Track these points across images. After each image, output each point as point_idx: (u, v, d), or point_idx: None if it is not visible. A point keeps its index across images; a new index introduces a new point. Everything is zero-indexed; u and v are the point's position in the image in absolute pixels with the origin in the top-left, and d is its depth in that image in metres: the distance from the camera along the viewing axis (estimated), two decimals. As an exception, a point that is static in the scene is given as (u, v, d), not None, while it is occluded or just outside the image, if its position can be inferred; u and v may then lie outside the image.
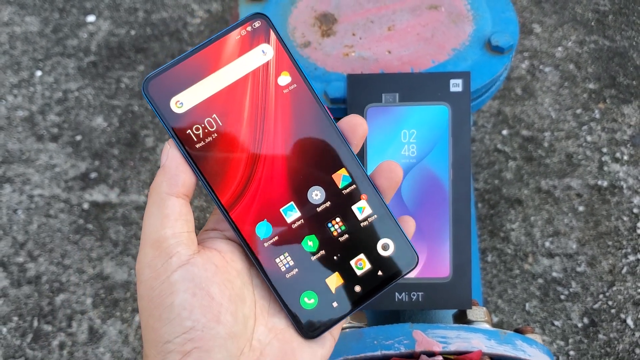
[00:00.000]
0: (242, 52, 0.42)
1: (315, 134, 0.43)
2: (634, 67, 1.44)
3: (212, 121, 0.41)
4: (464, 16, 0.72)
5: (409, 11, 0.73)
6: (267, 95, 0.42)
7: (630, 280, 1.16)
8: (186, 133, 0.41)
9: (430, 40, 0.70)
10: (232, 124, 0.42)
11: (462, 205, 0.62)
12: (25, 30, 1.59)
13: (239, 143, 0.42)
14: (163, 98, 0.41)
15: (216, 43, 0.42)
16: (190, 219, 0.41)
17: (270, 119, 0.42)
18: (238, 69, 0.42)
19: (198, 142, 0.41)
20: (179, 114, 0.41)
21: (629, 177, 1.28)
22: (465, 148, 0.61)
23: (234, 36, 0.42)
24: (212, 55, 0.42)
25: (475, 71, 0.67)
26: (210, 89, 0.42)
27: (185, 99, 0.41)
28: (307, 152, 0.43)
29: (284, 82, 0.42)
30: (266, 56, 0.42)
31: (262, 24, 0.43)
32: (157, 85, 0.42)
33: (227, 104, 0.42)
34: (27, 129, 1.41)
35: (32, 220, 1.28)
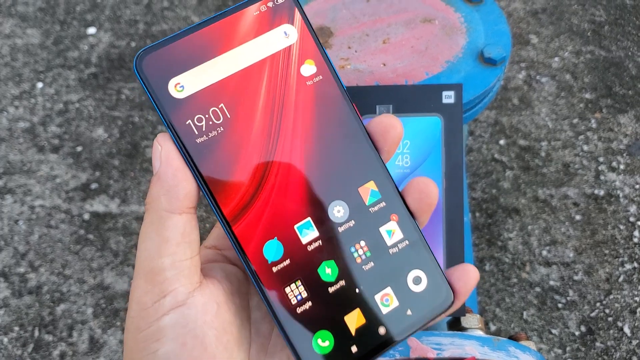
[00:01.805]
0: (260, 32, 0.36)
1: (341, 136, 0.36)
2: (630, 77, 1.45)
3: (219, 112, 0.35)
4: (458, 29, 0.73)
5: (403, 24, 0.74)
6: (287, 85, 0.36)
7: (627, 288, 1.17)
8: (185, 124, 0.34)
9: (424, 53, 0.71)
10: (243, 117, 0.35)
11: (455, 215, 0.63)
12: (26, 43, 1.60)
13: (250, 141, 0.35)
14: (160, 78, 0.34)
15: (229, 18, 0.35)
16: (195, 238, 0.34)
17: (288, 115, 0.36)
18: (254, 52, 0.35)
19: (199, 136, 0.34)
20: (179, 100, 0.34)
21: (625, 186, 1.28)
22: (457, 158, 0.62)
23: (251, 11, 0.36)
24: (223, 32, 0.35)
25: (468, 83, 0.68)
26: (218, 73, 0.35)
27: (187, 81, 0.34)
28: (330, 158, 0.36)
29: (308, 72, 0.36)
30: (289, 39, 0.36)
31: (287, 0, 0.36)
32: (154, 61, 0.34)
33: (238, 92, 0.35)
34: (28, 140, 1.42)
35: (33, 230, 1.29)
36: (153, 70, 0.34)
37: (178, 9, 1.66)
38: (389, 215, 0.37)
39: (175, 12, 1.65)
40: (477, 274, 0.36)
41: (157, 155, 0.34)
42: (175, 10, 1.66)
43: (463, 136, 0.63)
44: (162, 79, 0.34)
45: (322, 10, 0.76)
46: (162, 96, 0.34)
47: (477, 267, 1.19)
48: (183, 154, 0.34)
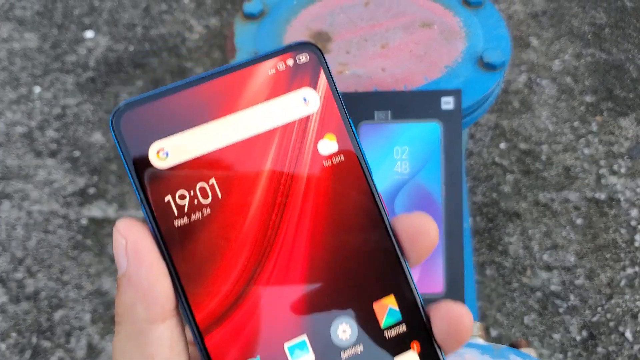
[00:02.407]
0: (274, 95, 0.29)
1: (359, 234, 0.30)
2: (631, 80, 1.44)
3: (208, 189, 0.28)
4: (457, 33, 0.73)
5: (402, 29, 0.74)
6: (299, 164, 0.29)
7: (629, 293, 1.16)
8: (164, 201, 0.28)
9: (423, 58, 0.71)
10: (238, 198, 0.28)
11: (454, 221, 0.62)
12: (24, 47, 1.60)
13: (242, 230, 0.28)
14: (140, 140, 0.28)
15: (237, 73, 0.29)
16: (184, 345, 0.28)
17: (295, 201, 0.29)
18: (262, 118, 0.29)
19: (179, 218, 0.28)
20: (159, 170, 0.28)
21: (627, 189, 1.28)
22: (457, 164, 0.61)
23: (265, 68, 0.29)
24: (227, 91, 0.29)
25: (467, 88, 0.68)
26: (214, 140, 0.28)
27: (173, 147, 0.28)
28: (341, 260, 0.29)
29: (328, 149, 0.30)
30: (308, 107, 0.29)
31: (312, 59, 0.30)
32: (135, 119, 0.28)
33: (236, 167, 0.29)
34: (26, 144, 1.41)
35: (30, 236, 1.28)
36: (132, 129, 0.28)
37: (176, 13, 1.66)
38: (409, 342, 0.30)
39: (173, 15, 1.65)
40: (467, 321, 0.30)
41: (122, 250, 0.27)
42: (174, 13, 1.65)
43: (463, 142, 0.63)
44: (143, 141, 0.28)
45: (320, 15, 0.76)
46: (139, 162, 0.28)
47: (477, 271, 1.19)
48: (156, 240, 0.28)
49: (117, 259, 0.27)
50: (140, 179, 0.28)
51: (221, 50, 1.56)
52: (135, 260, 0.27)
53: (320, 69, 0.30)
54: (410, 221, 0.30)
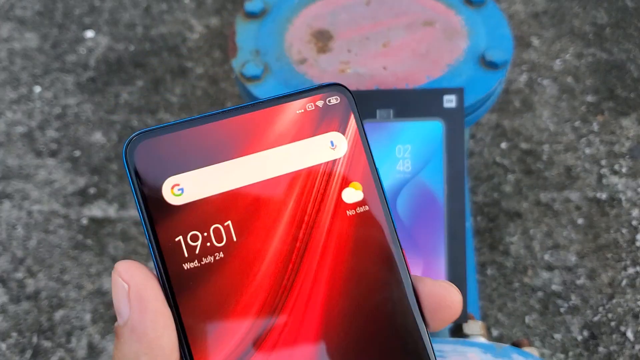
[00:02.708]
0: (300, 136, 0.28)
1: (379, 294, 0.28)
2: (632, 80, 1.44)
3: (223, 231, 0.26)
4: (459, 32, 0.73)
5: (404, 28, 0.74)
6: (320, 212, 0.28)
7: (630, 292, 1.16)
8: (174, 240, 0.26)
9: (425, 56, 0.71)
10: (254, 243, 0.27)
11: (457, 220, 0.62)
12: (24, 46, 1.60)
13: (256, 279, 0.26)
14: (155, 174, 0.26)
15: (263, 111, 0.28)
16: None
17: (314, 252, 0.27)
18: (286, 160, 0.27)
19: (189, 261, 0.26)
20: (173, 206, 0.26)
21: (628, 189, 1.28)
22: (459, 163, 0.61)
23: (294, 108, 0.28)
24: (250, 128, 0.27)
25: (469, 86, 0.67)
26: (233, 179, 0.27)
27: (189, 184, 0.26)
28: (359, 322, 0.27)
29: (352, 198, 0.28)
30: (334, 152, 0.28)
31: (342, 102, 0.29)
32: (150, 150, 0.26)
33: (255, 209, 0.27)
34: (26, 144, 1.41)
35: (31, 235, 1.28)
36: (147, 161, 0.26)
37: (177, 12, 1.65)
38: None
39: (173, 15, 1.65)
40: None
41: (123, 296, 0.25)
42: (174, 13, 1.65)
43: (465, 141, 0.63)
44: (157, 175, 0.26)
45: (321, 13, 0.76)
46: (151, 197, 0.26)
47: (478, 271, 1.19)
48: (162, 285, 0.26)
49: (118, 305, 0.25)
50: (150, 214, 0.26)
51: (222, 50, 1.56)
52: (140, 308, 0.25)
53: (351, 114, 0.29)
54: (434, 290, 0.28)
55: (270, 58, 0.72)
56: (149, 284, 0.25)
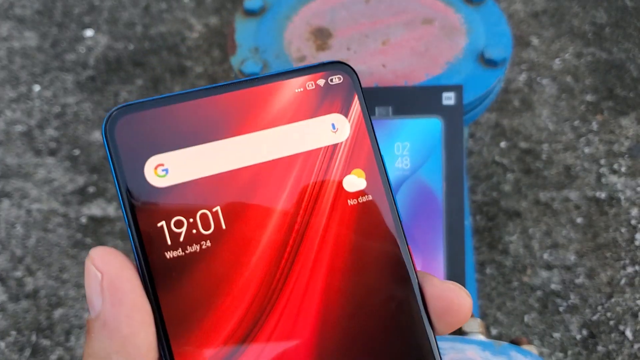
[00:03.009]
0: (299, 117, 0.25)
1: (381, 292, 0.25)
2: (631, 79, 1.44)
3: (211, 218, 0.24)
4: (458, 30, 0.73)
5: (403, 25, 0.74)
6: (320, 199, 0.25)
7: (629, 291, 1.16)
8: (157, 227, 0.23)
9: (424, 54, 0.71)
10: (245, 232, 0.24)
11: (456, 217, 0.62)
12: (23, 45, 1.60)
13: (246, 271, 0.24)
14: (137, 152, 0.23)
15: (258, 88, 0.25)
16: None
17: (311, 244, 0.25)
18: (282, 142, 0.25)
19: (172, 249, 0.23)
20: (156, 188, 0.23)
21: (627, 188, 1.28)
22: (458, 161, 0.61)
23: (292, 86, 0.26)
24: (244, 107, 0.25)
25: (468, 84, 0.67)
26: (223, 161, 0.24)
27: (175, 164, 0.24)
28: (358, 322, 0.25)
29: (354, 186, 0.26)
30: (336, 135, 0.26)
31: (345, 81, 0.26)
32: (133, 126, 0.24)
33: (247, 195, 0.24)
34: (26, 143, 1.41)
35: (30, 234, 1.28)
36: (129, 137, 0.23)
37: (176, 11, 1.65)
38: None
39: (173, 14, 1.65)
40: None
41: (96, 286, 0.22)
42: (174, 12, 1.65)
43: (464, 138, 0.63)
44: (140, 153, 0.23)
45: (320, 11, 0.76)
46: (132, 177, 0.23)
47: (477, 270, 1.19)
48: (142, 275, 0.23)
49: (90, 297, 0.22)
50: (130, 196, 0.23)
51: (221, 49, 1.56)
52: (114, 300, 0.22)
53: (354, 94, 0.26)
54: (443, 291, 0.25)
55: (270, 55, 0.72)
56: (126, 273, 0.22)
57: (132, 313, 0.22)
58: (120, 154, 0.23)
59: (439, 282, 0.26)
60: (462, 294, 0.25)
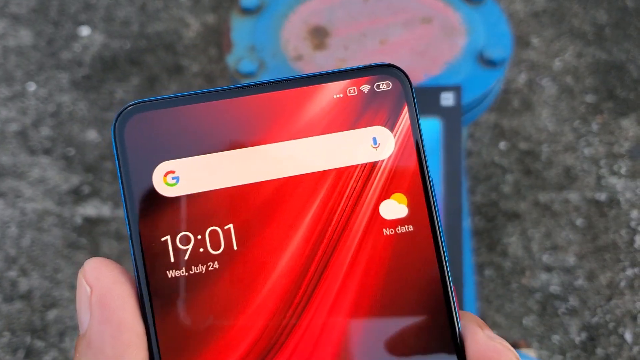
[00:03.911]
0: (334, 128, 0.22)
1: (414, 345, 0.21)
2: (631, 80, 1.43)
3: (222, 236, 0.21)
4: (457, 30, 0.72)
5: (401, 25, 0.73)
6: (351, 225, 0.22)
7: (628, 294, 1.15)
8: (160, 241, 0.21)
9: (423, 54, 0.70)
10: (259, 256, 0.21)
11: (454, 219, 0.61)
12: (19, 43, 1.58)
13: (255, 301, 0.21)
14: (146, 155, 0.21)
15: (290, 91, 0.22)
16: None
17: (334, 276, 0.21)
18: (314, 155, 0.22)
19: (175, 268, 0.21)
20: (164, 198, 0.21)
21: (627, 190, 1.27)
22: (457, 161, 0.60)
23: (332, 90, 0.22)
24: (273, 111, 0.22)
25: (467, 84, 0.66)
26: (243, 173, 0.21)
27: (186, 172, 0.21)
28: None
29: (393, 213, 0.22)
30: (378, 151, 0.22)
31: (395, 89, 0.23)
32: (144, 127, 0.21)
33: (265, 213, 0.21)
34: (20, 142, 1.40)
35: (24, 234, 1.27)
36: (139, 140, 0.21)
37: (173, 10, 1.64)
38: None
39: (169, 13, 1.64)
40: None
41: (85, 301, 0.20)
42: (170, 11, 1.64)
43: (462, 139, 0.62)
44: (150, 158, 0.21)
45: (318, 9, 0.75)
46: (140, 184, 0.21)
47: (476, 272, 1.18)
48: (140, 293, 0.21)
49: (78, 312, 0.21)
50: (135, 204, 0.21)
51: (218, 47, 1.55)
52: (101, 317, 0.20)
53: (404, 105, 0.23)
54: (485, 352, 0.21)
55: (266, 54, 0.71)
56: (118, 289, 0.21)
57: (118, 333, 0.20)
58: (128, 157, 0.21)
59: (484, 338, 0.22)
60: (509, 357, 0.21)
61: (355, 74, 0.23)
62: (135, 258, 0.21)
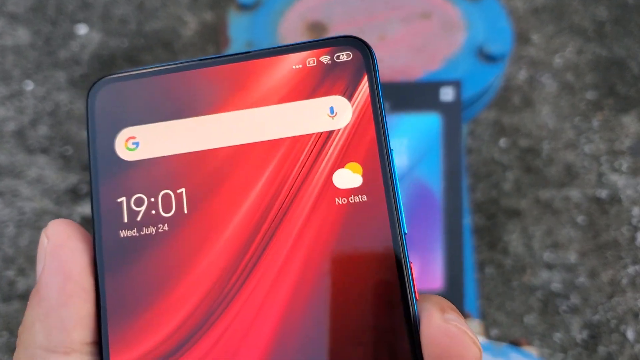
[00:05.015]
0: (291, 98, 0.22)
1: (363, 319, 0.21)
2: (632, 77, 1.43)
3: (173, 200, 0.22)
4: (456, 25, 0.71)
5: (400, 21, 0.72)
6: (301, 195, 0.22)
7: (630, 292, 1.15)
8: (116, 201, 0.22)
9: (422, 50, 0.69)
10: (208, 221, 0.22)
11: (455, 215, 0.61)
12: (16, 42, 1.58)
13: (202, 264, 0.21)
14: (111, 123, 0.22)
15: (251, 62, 0.23)
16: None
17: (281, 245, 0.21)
18: (268, 124, 0.22)
19: (127, 228, 0.22)
20: (122, 161, 0.22)
21: (628, 187, 1.26)
22: (457, 157, 0.60)
23: (291, 61, 0.23)
24: (232, 81, 0.22)
25: (467, 80, 0.66)
26: (199, 140, 0.22)
27: (146, 138, 0.22)
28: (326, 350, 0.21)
29: (347, 182, 0.22)
30: (334, 121, 0.22)
31: (355, 59, 0.23)
32: (113, 96, 0.22)
33: (217, 179, 0.22)
34: (18, 141, 1.40)
35: (22, 234, 1.27)
36: (107, 108, 0.22)
37: (171, 8, 1.64)
38: None
39: (167, 11, 1.63)
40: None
41: (42, 252, 0.21)
42: (167, 9, 1.64)
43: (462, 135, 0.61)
44: (114, 124, 0.22)
45: (316, 5, 0.74)
46: (103, 148, 0.22)
47: (477, 270, 1.17)
48: (95, 250, 0.22)
49: (37, 263, 0.21)
50: (97, 167, 0.22)
51: (216, 45, 1.55)
52: (51, 267, 0.21)
53: (364, 75, 0.22)
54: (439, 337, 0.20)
55: (263, 51, 0.70)
56: (71, 244, 0.21)
57: (64, 284, 0.21)
58: (95, 123, 0.22)
59: (439, 320, 0.20)
60: (467, 343, 0.20)
61: (315, 45, 0.23)
62: (93, 216, 0.22)
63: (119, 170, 0.22)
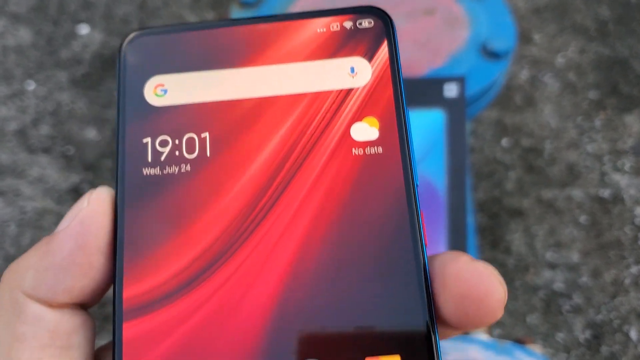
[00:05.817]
0: (315, 56, 0.24)
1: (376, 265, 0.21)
2: (635, 76, 1.43)
3: (197, 143, 0.23)
4: (460, 21, 0.71)
5: (404, 17, 0.72)
6: (320, 145, 0.23)
7: (633, 291, 1.15)
8: (142, 142, 0.23)
9: (425, 46, 0.69)
10: (229, 164, 0.23)
11: (458, 213, 0.60)
12: (18, 42, 1.58)
13: (221, 203, 0.22)
14: (142, 71, 0.24)
15: (277, 24, 0.24)
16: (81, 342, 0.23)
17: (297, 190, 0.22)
18: (291, 80, 0.23)
19: (151, 167, 0.23)
20: (150, 107, 0.23)
21: (631, 187, 1.26)
22: (461, 154, 0.59)
23: (315, 25, 0.24)
24: (259, 40, 0.24)
25: (471, 76, 0.66)
26: (224, 90, 0.23)
27: (174, 86, 0.24)
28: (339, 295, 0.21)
29: (364, 135, 0.23)
30: (354, 79, 0.23)
31: (376, 27, 0.24)
32: (144, 47, 0.24)
33: (240, 127, 0.23)
34: (19, 141, 1.40)
35: (24, 233, 1.27)
36: (138, 58, 0.24)
37: (173, 7, 1.64)
38: None
39: (169, 10, 1.63)
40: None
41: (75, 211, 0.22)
42: (169, 8, 1.64)
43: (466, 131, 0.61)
44: (144, 72, 0.24)
45: (318, 2, 0.74)
46: (133, 95, 0.24)
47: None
48: (116, 188, 0.23)
49: (66, 215, 0.22)
50: (126, 111, 0.23)
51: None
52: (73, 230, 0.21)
53: (384, 40, 0.24)
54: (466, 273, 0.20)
55: (266, 47, 0.70)
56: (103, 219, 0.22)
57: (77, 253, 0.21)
58: (126, 72, 0.24)
59: (467, 259, 0.20)
60: (494, 283, 0.20)
61: (339, 12, 0.25)
62: (118, 155, 0.23)
63: (146, 114, 0.24)
